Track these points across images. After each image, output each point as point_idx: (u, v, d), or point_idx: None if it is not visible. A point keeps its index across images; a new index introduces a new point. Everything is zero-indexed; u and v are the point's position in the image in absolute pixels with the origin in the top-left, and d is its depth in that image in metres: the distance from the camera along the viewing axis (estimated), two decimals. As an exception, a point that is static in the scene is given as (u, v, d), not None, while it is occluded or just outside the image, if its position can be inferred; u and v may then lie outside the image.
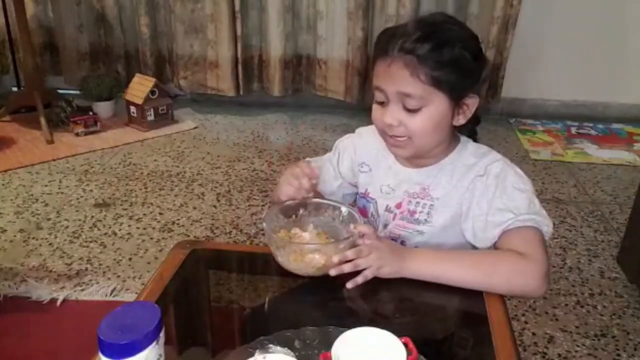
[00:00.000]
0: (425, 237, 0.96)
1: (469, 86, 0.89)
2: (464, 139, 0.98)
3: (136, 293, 1.57)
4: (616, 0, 2.99)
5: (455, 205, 0.94)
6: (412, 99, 0.87)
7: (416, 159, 0.97)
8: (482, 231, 0.90)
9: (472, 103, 0.91)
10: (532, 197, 0.90)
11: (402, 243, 0.98)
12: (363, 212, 1.05)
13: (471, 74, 0.89)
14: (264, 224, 0.86)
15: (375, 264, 0.83)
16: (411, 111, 0.88)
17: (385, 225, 1.00)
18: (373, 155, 1.04)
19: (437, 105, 0.87)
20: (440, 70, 0.85)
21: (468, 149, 0.97)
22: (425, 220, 0.95)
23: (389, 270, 0.83)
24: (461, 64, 0.87)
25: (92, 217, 2.04)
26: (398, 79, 0.86)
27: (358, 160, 1.06)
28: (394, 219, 0.99)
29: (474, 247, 0.93)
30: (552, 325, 1.55)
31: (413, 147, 0.92)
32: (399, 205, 0.98)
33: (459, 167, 0.95)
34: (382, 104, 0.91)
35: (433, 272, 0.84)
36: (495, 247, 0.90)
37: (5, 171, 2.38)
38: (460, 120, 0.91)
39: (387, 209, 1.00)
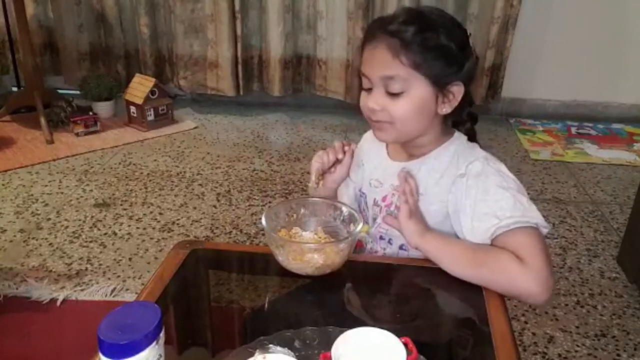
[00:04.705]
0: None
1: (452, 74, 0.89)
2: (458, 134, 0.97)
3: (136, 293, 1.57)
4: (616, 0, 2.99)
5: (439, 202, 0.92)
6: (394, 82, 0.87)
7: (406, 147, 0.98)
8: (471, 236, 0.87)
9: (457, 91, 0.90)
10: (517, 195, 0.86)
11: (389, 241, 0.98)
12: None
13: (454, 61, 0.88)
14: (264, 223, 0.86)
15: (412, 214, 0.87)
16: (394, 95, 0.88)
17: (374, 219, 1.01)
18: (367, 152, 1.06)
19: (418, 90, 0.88)
20: (423, 54, 0.85)
21: (455, 144, 0.95)
22: None
23: (412, 228, 0.87)
24: (444, 50, 0.86)
25: (92, 217, 2.04)
26: (381, 62, 0.87)
27: (360, 160, 1.07)
28: (380, 212, 0.99)
29: None
30: (552, 325, 1.55)
31: (395, 132, 0.92)
32: (384, 199, 0.99)
33: (442, 163, 0.94)
34: (368, 90, 0.91)
35: (436, 260, 0.85)
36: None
37: (5, 171, 2.38)
38: (446, 108, 0.91)
39: (375, 203, 1.01)
